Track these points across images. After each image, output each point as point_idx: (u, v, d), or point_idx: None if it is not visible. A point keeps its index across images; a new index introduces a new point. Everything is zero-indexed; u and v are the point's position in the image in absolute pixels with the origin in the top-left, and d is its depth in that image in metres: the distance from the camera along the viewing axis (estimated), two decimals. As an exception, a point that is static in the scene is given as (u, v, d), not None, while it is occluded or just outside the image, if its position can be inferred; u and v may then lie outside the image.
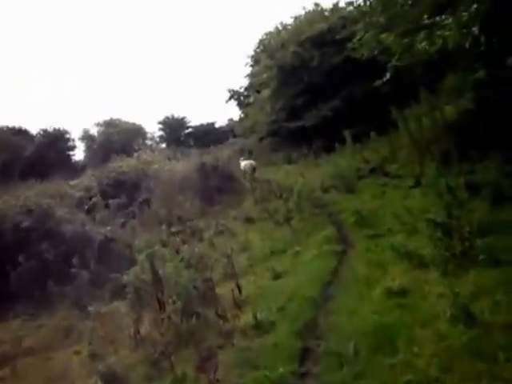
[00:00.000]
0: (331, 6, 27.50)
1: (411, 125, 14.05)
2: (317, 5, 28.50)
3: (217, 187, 18.10)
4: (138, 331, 6.44)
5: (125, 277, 7.06)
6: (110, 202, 16.59)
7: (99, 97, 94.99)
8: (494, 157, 9.97)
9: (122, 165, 20.79)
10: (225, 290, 7.60)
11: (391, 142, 15.71)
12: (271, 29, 33.17)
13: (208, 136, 53.54)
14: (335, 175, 15.08)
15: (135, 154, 22.97)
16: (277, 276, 8.28)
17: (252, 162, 22.51)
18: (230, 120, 54.70)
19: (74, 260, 10.11)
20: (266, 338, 5.83)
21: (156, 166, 20.99)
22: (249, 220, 13.94)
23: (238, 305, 6.93)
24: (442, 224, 6.62)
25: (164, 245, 11.77)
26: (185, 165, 21.47)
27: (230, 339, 5.97)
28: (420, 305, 5.38)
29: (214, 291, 7.00)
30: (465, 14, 7.92)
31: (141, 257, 7.26)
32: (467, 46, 8.29)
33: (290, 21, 30.72)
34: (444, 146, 11.78)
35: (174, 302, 6.50)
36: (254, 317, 6.22)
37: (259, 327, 6.10)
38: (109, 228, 12.79)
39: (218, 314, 6.45)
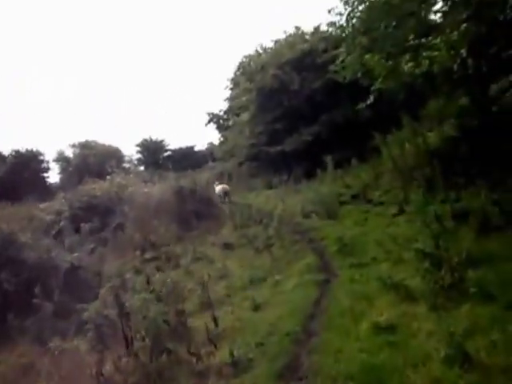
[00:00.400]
0: (312, 30, 27.59)
1: (394, 151, 13.89)
2: (297, 28, 28.59)
3: (194, 212, 17.60)
4: (100, 372, 5.82)
5: (85, 313, 6.44)
6: (82, 226, 15.88)
7: (75, 118, 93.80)
8: (480, 184, 9.83)
9: (95, 188, 20.11)
10: (200, 323, 7.05)
11: (373, 168, 15.55)
12: (251, 52, 33.27)
13: (187, 159, 53.20)
14: (316, 201, 14.79)
15: (108, 177, 22.25)
16: (256, 307, 7.80)
17: (225, 186, 22.49)
18: (210, 144, 54.67)
19: (37, 290, 9.38)
20: (243, 378, 5.33)
21: (131, 189, 20.36)
22: (227, 246, 13.47)
23: (214, 340, 6.38)
24: (430, 254, 6.30)
25: (137, 272, 11.19)
26: (161, 188, 20.92)
27: (203, 380, 5.44)
28: (410, 343, 4.96)
29: (186, 325, 6.43)
30: (454, 33, 7.78)
31: (102, 290, 6.70)
32: (455, 68, 8.15)
33: (270, 44, 30.86)
34: (428, 173, 11.61)
35: (142, 339, 5.95)
36: (231, 354, 5.71)
37: (236, 365, 5.59)
38: (76, 254, 12.06)
39: (190, 352, 5.88)
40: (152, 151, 59.43)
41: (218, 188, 21.83)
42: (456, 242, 6.86)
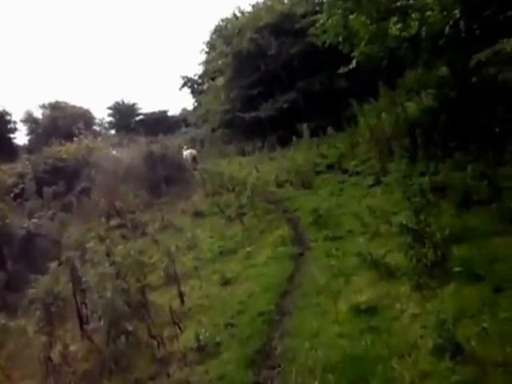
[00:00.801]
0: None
1: (371, 120, 13.47)
2: (277, -9, 27.56)
3: (165, 178, 16.91)
4: (48, 357, 5.20)
5: (32, 290, 5.78)
6: (44, 189, 15.00)
7: (45, 78, 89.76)
8: (458, 157, 9.52)
9: (62, 150, 19.13)
10: (165, 299, 6.53)
11: (350, 137, 15.16)
12: (229, 15, 32.16)
13: (160, 124, 51.68)
14: (291, 170, 14.34)
15: (75, 139, 21.17)
16: (226, 282, 7.30)
17: (193, 151, 22.04)
18: (184, 109, 53.38)
19: (-12, 259, 8.66)
20: (209, 365, 4.82)
21: (99, 153, 19.46)
22: (198, 214, 12.93)
23: (178, 320, 5.83)
24: (412, 229, 5.88)
25: (101, 240, 10.53)
26: (131, 153, 20.07)
27: (165, 367, 4.90)
28: (393, 328, 4.54)
29: (149, 303, 5.85)
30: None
31: (53, 264, 6.04)
32: (446, 30, 7.64)
33: (248, 8, 29.85)
34: (406, 144, 11.26)
35: (99, 320, 5.36)
36: (196, 337, 5.19)
37: (202, 350, 5.08)
38: (35, 221, 11.25)
39: (150, 335, 5.32)
40: (124, 115, 57.61)
41: (186, 153, 21.29)
42: (437, 217, 6.49)
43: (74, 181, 17.01)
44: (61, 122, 47.79)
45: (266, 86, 24.96)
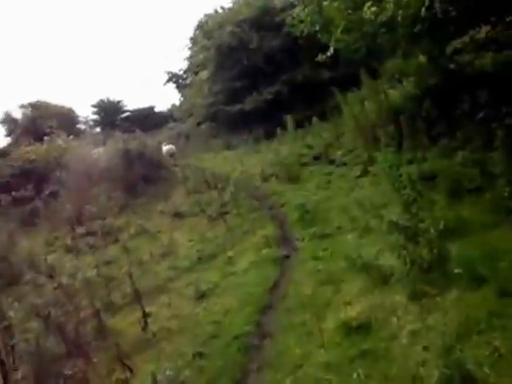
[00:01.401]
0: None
1: (355, 109, 12.84)
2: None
3: (142, 176, 15.97)
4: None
5: None
6: (1, 196, 14.05)
7: (27, 78, 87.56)
8: (445, 143, 8.94)
9: (30, 151, 18.03)
10: (127, 323, 5.69)
11: (335, 126, 14.55)
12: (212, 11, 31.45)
13: (147, 120, 50.64)
14: (276, 162, 13.58)
15: (45, 138, 19.91)
16: (201, 295, 6.53)
17: (171, 146, 21.44)
18: (173, 105, 52.41)
19: None
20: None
21: (73, 153, 18.34)
22: (177, 215, 12.16)
23: (128, 356, 4.85)
24: (405, 227, 5.18)
25: (68, 251, 9.71)
26: (108, 151, 19.00)
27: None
28: (391, 352, 3.80)
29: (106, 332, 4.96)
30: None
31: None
32: (422, 12, 7.00)
33: (229, 5, 29.26)
34: (391, 131, 10.64)
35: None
36: (153, 378, 4.25)
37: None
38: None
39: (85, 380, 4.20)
40: (109, 112, 56.24)
41: (164, 149, 20.63)
42: (429, 210, 5.81)
43: (43, 184, 16.05)
44: (42, 122, 46.60)
45: (250, 78, 24.55)
